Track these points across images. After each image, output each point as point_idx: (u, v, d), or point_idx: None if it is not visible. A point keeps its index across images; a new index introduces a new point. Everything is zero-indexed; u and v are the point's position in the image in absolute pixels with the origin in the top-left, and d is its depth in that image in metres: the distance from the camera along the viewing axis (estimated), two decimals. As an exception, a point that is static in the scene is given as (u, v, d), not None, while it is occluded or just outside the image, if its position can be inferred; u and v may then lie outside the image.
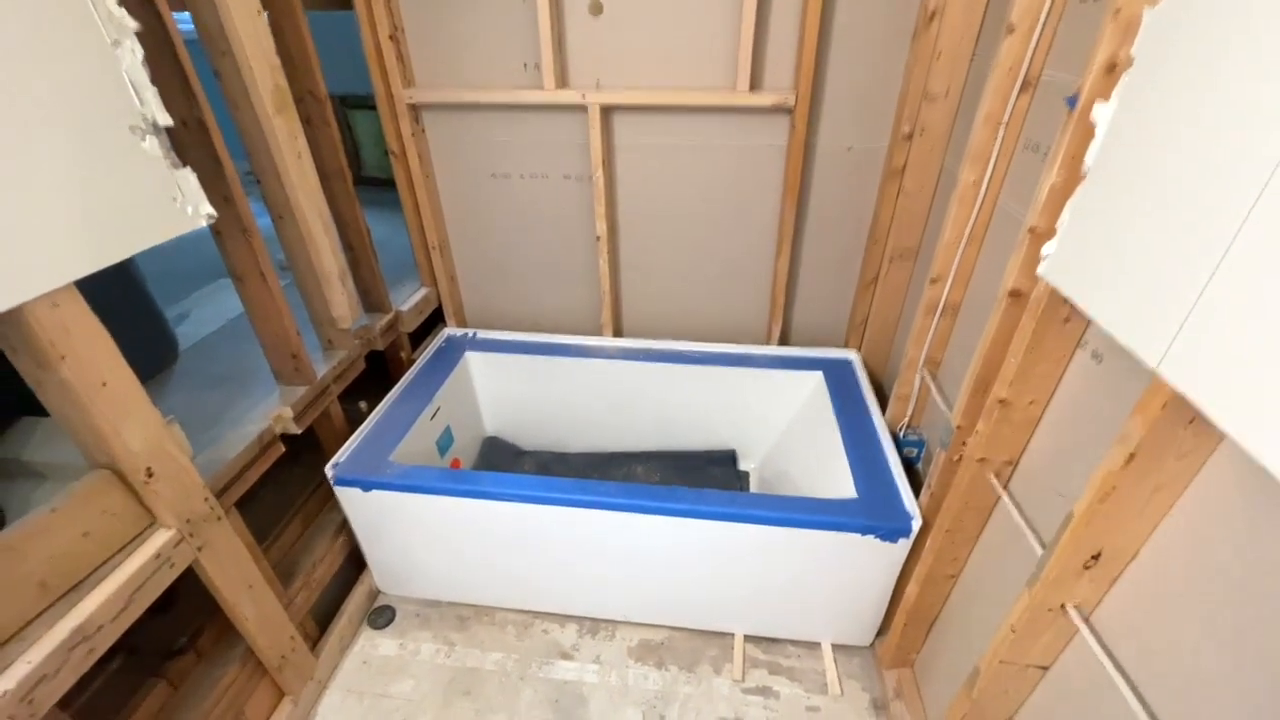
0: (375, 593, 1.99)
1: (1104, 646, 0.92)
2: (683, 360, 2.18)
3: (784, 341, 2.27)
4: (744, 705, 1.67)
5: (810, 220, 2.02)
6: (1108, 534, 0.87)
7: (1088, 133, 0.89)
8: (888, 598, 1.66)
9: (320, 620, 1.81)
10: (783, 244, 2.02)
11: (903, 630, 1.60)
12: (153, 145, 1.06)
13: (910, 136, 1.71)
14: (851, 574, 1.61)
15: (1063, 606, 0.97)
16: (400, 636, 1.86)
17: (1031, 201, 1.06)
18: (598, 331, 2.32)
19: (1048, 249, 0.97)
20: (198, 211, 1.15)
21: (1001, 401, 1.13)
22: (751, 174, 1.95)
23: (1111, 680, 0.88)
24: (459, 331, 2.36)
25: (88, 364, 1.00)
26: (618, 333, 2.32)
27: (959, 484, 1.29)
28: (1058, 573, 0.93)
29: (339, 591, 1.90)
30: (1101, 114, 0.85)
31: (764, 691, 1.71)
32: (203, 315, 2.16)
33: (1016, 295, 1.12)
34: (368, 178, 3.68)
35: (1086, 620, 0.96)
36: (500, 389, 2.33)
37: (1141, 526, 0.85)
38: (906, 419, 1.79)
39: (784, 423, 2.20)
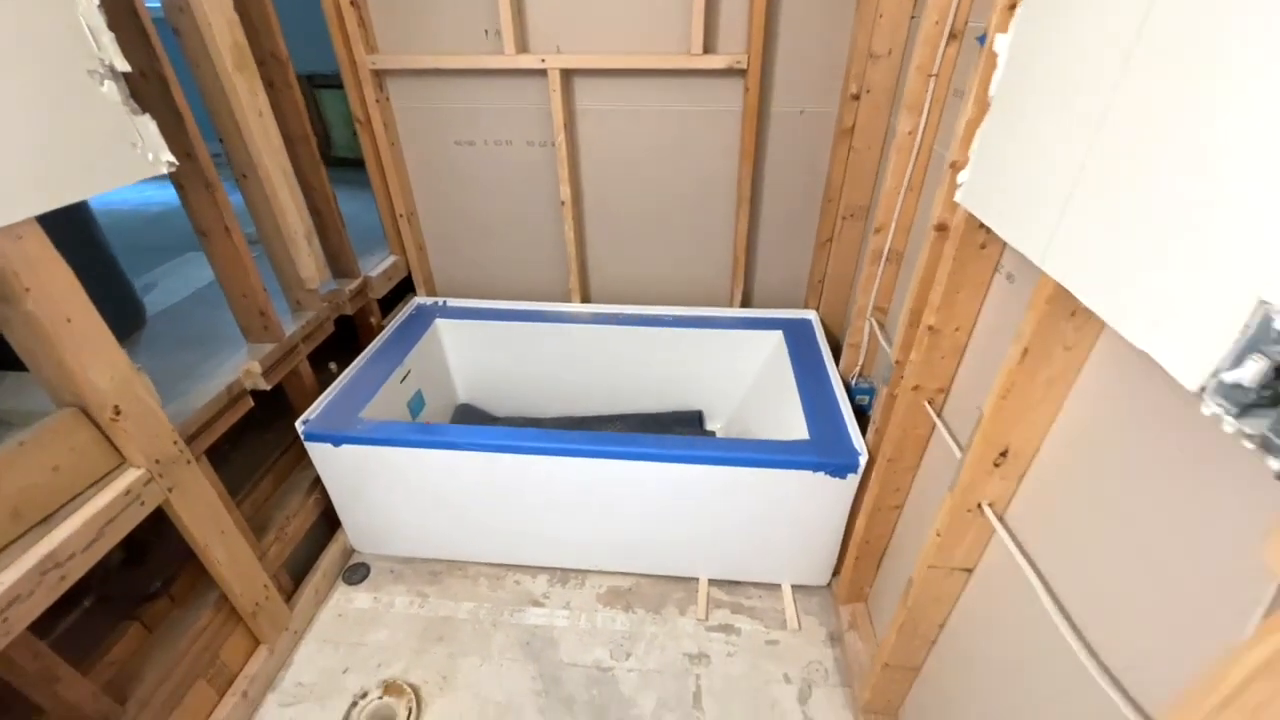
0: (350, 551, 2.03)
1: (1016, 542, 1.01)
2: (649, 324, 2.25)
3: (746, 304, 2.35)
4: (707, 641, 1.75)
5: (767, 184, 2.09)
6: (1012, 430, 0.95)
7: (993, 65, 0.97)
8: (840, 536, 1.75)
9: (295, 577, 1.85)
10: (741, 207, 2.09)
11: (854, 565, 1.69)
12: (111, 90, 1.09)
13: (858, 97, 1.78)
14: (805, 512, 1.69)
15: (979, 506, 1.06)
16: (374, 591, 1.91)
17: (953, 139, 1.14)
18: (566, 298, 2.37)
19: (962, 177, 1.05)
20: (158, 159, 1.18)
21: (930, 328, 1.21)
22: (710, 139, 2.02)
23: (1022, 572, 0.96)
24: (429, 300, 2.40)
25: (53, 298, 1.03)
26: (585, 298, 2.37)
27: (897, 414, 1.38)
28: (972, 473, 1.02)
29: (313, 551, 1.94)
30: (1001, 44, 0.93)
31: (726, 629, 1.79)
32: (171, 285, 2.18)
33: (942, 228, 1.20)
34: (338, 158, 3.68)
35: (1001, 519, 1.05)
36: (471, 356, 2.38)
37: (1040, 420, 0.93)
38: (858, 368, 1.87)
39: (747, 382, 2.28)
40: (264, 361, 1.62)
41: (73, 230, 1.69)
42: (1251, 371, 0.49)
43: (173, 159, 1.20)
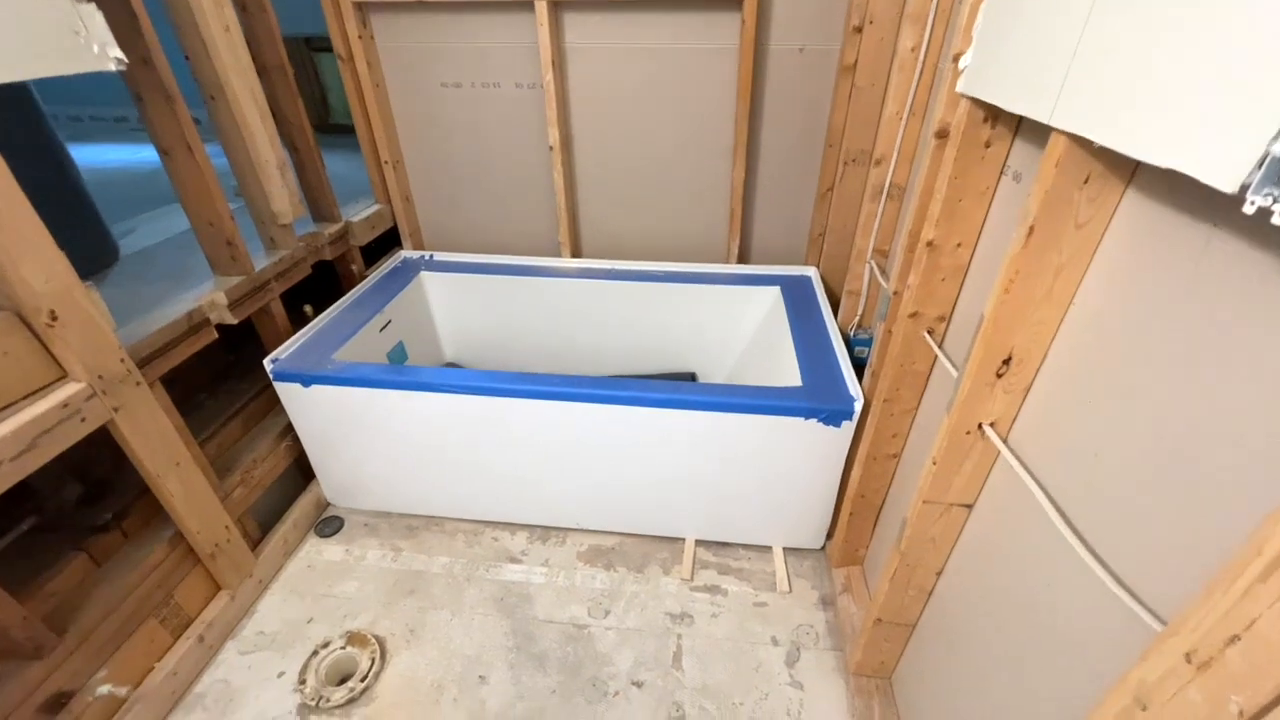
0: (324, 505, 1.96)
1: (1022, 463, 0.90)
2: (641, 279, 2.16)
3: (743, 260, 2.25)
4: (691, 602, 1.66)
5: (765, 128, 1.99)
6: (1016, 331, 0.85)
7: (1000, -71, 0.87)
8: (835, 493, 1.65)
9: (264, 527, 1.77)
10: (738, 153, 1.99)
11: (849, 522, 1.59)
12: (49, -32, 1.02)
13: (860, 29, 1.68)
14: (797, 466, 1.59)
15: (980, 428, 0.96)
16: (347, 544, 1.84)
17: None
18: (557, 252, 2.29)
19: (964, 61, 0.95)
20: (104, 53, 1.11)
21: (929, 244, 1.11)
22: (705, 79, 1.92)
23: (1031, 496, 0.85)
24: (415, 254, 2.32)
25: (-24, 183, 0.96)
26: (576, 253, 2.29)
27: (894, 348, 1.28)
28: (972, 386, 0.92)
29: (285, 502, 1.87)
30: (1010, -103, 0.83)
31: (712, 589, 1.69)
32: (150, 230, 2.12)
33: (943, 134, 1.10)
34: (335, 124, 3.63)
35: (1005, 440, 0.95)
36: (458, 312, 2.30)
37: (1047, 318, 0.83)
38: (858, 318, 1.77)
39: (743, 342, 2.18)
40: (231, 294, 1.55)
41: (40, 156, 1.64)
42: (1310, 137, 0.39)
43: (121, 56, 1.13)
